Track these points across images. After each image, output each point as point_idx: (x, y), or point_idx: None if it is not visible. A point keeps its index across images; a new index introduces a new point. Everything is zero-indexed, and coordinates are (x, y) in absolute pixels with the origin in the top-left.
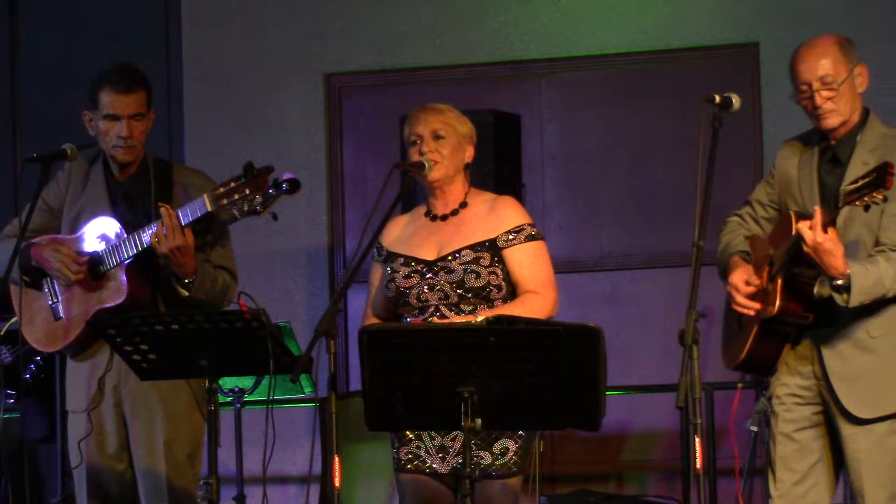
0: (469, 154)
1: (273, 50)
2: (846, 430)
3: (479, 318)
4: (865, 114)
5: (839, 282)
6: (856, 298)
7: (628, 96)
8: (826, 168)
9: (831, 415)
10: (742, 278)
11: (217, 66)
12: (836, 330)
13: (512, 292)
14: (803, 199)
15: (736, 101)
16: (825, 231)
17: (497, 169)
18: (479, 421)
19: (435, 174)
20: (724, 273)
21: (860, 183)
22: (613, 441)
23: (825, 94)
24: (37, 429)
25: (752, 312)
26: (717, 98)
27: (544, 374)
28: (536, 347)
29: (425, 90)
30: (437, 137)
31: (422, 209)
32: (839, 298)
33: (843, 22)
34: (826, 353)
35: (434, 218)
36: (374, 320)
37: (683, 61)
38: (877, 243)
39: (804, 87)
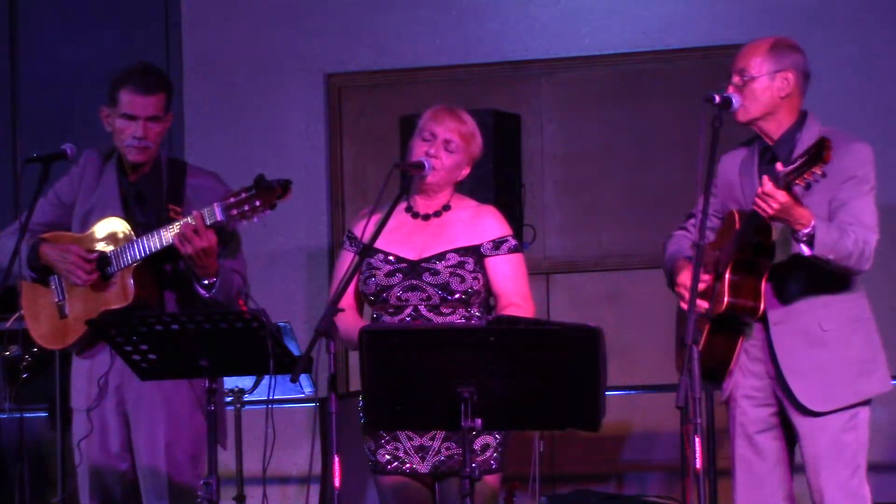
0: (465, 173)
1: (273, 50)
2: (803, 426)
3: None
4: (803, 116)
5: (806, 230)
6: (819, 249)
7: (628, 96)
8: (766, 169)
9: (787, 414)
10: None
11: (217, 66)
12: (788, 326)
13: (488, 298)
14: (746, 200)
15: (736, 101)
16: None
17: (497, 169)
18: (479, 421)
19: (430, 179)
20: (670, 281)
21: (798, 162)
22: (613, 441)
23: (735, 82)
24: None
25: (702, 310)
26: (717, 98)
27: (544, 374)
28: (536, 347)
29: (425, 90)
30: (447, 147)
31: (402, 204)
32: (804, 248)
33: (842, 22)
34: (778, 349)
35: (416, 215)
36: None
37: (683, 61)
38: None
39: (731, 77)
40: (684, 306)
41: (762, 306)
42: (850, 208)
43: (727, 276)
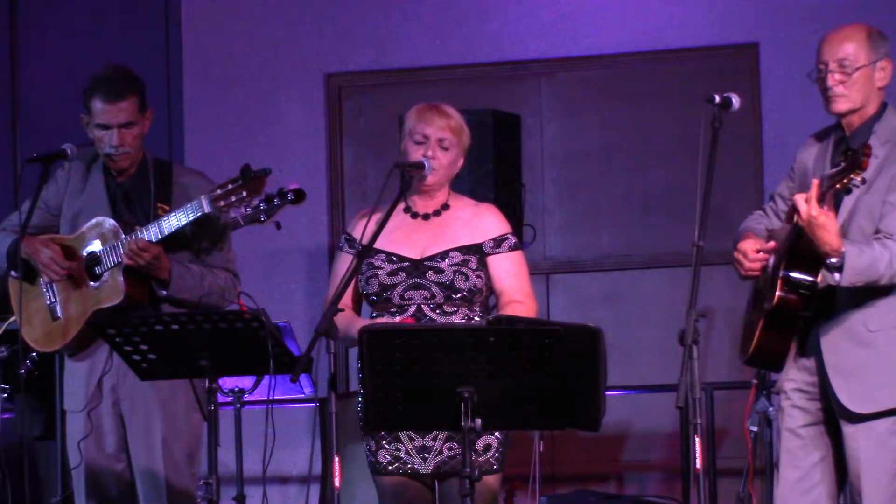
0: (460, 165)
1: (273, 50)
2: (846, 427)
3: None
4: (883, 107)
5: (833, 260)
6: (847, 278)
7: (628, 96)
8: (839, 159)
9: (833, 411)
10: (752, 246)
11: (217, 66)
12: (835, 323)
13: (489, 297)
14: None
15: (736, 101)
16: (820, 205)
17: (497, 169)
18: (479, 421)
19: (431, 179)
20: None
21: (841, 167)
22: (613, 441)
23: (838, 76)
24: (33, 427)
25: (756, 273)
26: (717, 98)
27: (544, 374)
28: (536, 347)
29: (425, 90)
30: (441, 145)
31: (400, 205)
32: (831, 278)
33: (844, 21)
34: (824, 346)
35: (415, 216)
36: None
37: (683, 61)
38: (876, 232)
39: (821, 67)
40: (743, 273)
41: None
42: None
43: (781, 270)
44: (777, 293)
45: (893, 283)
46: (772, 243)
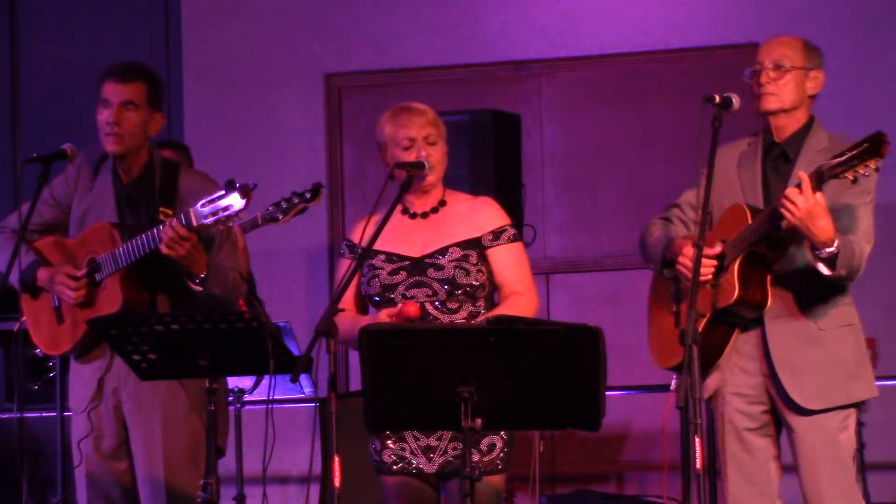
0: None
1: (273, 50)
2: (798, 425)
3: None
4: (811, 120)
5: (830, 249)
6: (840, 269)
7: (628, 96)
8: (772, 165)
9: (779, 412)
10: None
11: (217, 67)
12: (785, 322)
13: (492, 292)
14: (745, 194)
15: (736, 101)
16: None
17: (497, 169)
18: (479, 421)
19: (431, 178)
20: (661, 261)
21: (847, 155)
22: (613, 441)
23: (772, 74)
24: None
25: (709, 276)
26: (717, 98)
27: (544, 374)
28: (536, 347)
29: (425, 90)
30: (429, 141)
31: (398, 207)
32: (824, 268)
33: (843, 22)
34: (773, 345)
35: (413, 216)
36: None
37: (683, 61)
38: None
39: (757, 66)
40: (684, 280)
41: (770, 300)
42: (854, 216)
43: (736, 268)
44: (737, 291)
45: (850, 279)
46: (717, 248)
